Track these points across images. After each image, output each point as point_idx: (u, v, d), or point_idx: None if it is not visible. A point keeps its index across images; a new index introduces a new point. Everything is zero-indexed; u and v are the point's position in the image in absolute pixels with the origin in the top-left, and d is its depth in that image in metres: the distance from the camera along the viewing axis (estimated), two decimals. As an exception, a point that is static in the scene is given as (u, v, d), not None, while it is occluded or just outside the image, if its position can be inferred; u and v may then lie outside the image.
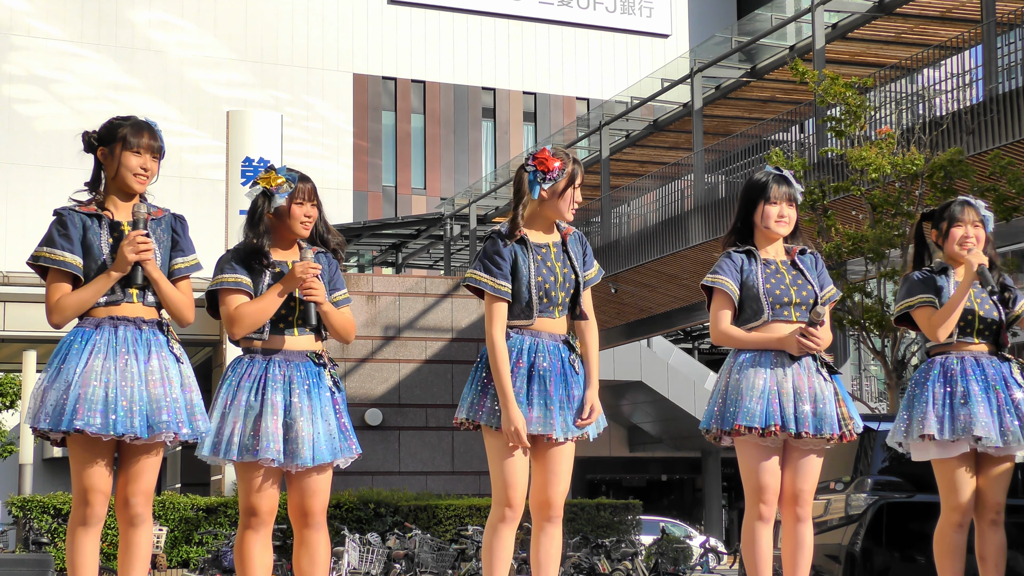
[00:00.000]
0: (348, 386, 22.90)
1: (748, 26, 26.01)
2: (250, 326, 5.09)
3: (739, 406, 5.34)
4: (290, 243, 5.26)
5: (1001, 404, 5.71)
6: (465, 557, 15.09)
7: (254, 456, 5.01)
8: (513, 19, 40.65)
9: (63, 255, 4.88)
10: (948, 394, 5.76)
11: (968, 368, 5.78)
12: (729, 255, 5.54)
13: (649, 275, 25.08)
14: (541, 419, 5.08)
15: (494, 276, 5.13)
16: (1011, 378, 5.79)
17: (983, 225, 5.91)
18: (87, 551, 4.88)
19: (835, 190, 16.55)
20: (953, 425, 5.71)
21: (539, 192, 5.16)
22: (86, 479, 4.85)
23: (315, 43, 38.30)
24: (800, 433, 5.34)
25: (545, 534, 5.20)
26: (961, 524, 5.76)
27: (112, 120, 5.05)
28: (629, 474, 47.45)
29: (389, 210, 38.48)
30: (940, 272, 5.94)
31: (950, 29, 21.64)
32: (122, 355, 4.87)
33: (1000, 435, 5.67)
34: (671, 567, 18.57)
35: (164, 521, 18.73)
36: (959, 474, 5.75)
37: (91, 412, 4.74)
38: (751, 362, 5.40)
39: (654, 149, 29.62)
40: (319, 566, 5.21)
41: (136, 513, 4.95)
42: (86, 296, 4.89)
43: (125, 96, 35.41)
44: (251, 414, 5.05)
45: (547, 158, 5.15)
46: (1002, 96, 16.57)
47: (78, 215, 4.94)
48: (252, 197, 5.23)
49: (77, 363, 4.81)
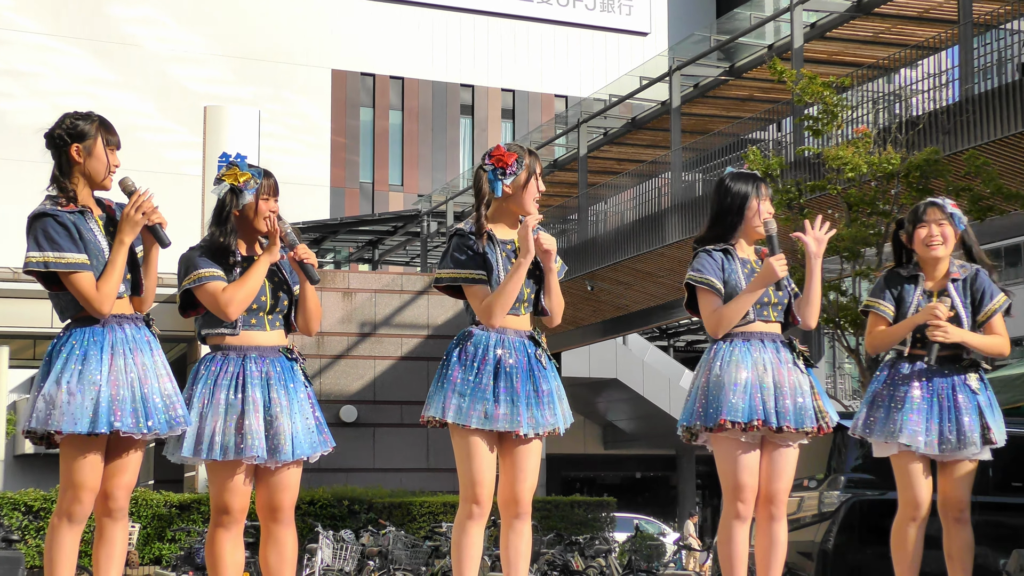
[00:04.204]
0: (323, 382, 22.85)
1: (727, 25, 26.03)
2: (244, 301, 5.07)
3: (722, 401, 5.34)
4: (252, 239, 5.27)
5: (943, 411, 5.72)
6: (439, 554, 15.06)
7: (239, 455, 5.00)
8: (492, 16, 40.61)
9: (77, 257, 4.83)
10: (889, 396, 5.80)
11: (915, 373, 5.80)
12: (708, 253, 5.54)
13: (626, 273, 25.09)
14: (508, 416, 5.07)
15: (467, 267, 5.13)
16: (963, 386, 5.78)
17: (950, 222, 5.91)
18: (68, 547, 4.87)
19: (812, 189, 16.58)
20: (884, 428, 5.76)
21: (502, 189, 5.16)
22: (80, 476, 4.82)
23: (293, 39, 38.19)
24: (781, 427, 5.35)
25: (514, 531, 5.20)
26: (916, 519, 5.81)
27: (73, 117, 4.98)
28: (604, 472, 47.48)
29: (366, 206, 38.40)
30: (910, 279, 5.97)
31: (927, 29, 21.70)
32: (136, 353, 4.88)
33: (938, 443, 5.69)
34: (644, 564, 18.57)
35: (137, 518, 18.63)
36: (912, 470, 5.80)
37: (124, 412, 4.76)
38: (731, 357, 5.41)
39: (632, 147, 29.63)
40: (287, 562, 5.20)
41: (118, 507, 4.95)
42: (117, 274, 4.86)
43: (103, 91, 35.24)
44: (232, 412, 5.03)
45: (503, 154, 5.15)
46: (978, 96, 16.63)
47: (65, 214, 4.89)
48: (218, 194, 5.21)
49: (100, 364, 4.79)
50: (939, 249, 5.85)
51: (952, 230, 5.88)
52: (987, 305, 5.85)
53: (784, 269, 5.34)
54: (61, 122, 4.97)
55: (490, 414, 5.04)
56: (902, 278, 5.96)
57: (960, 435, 5.68)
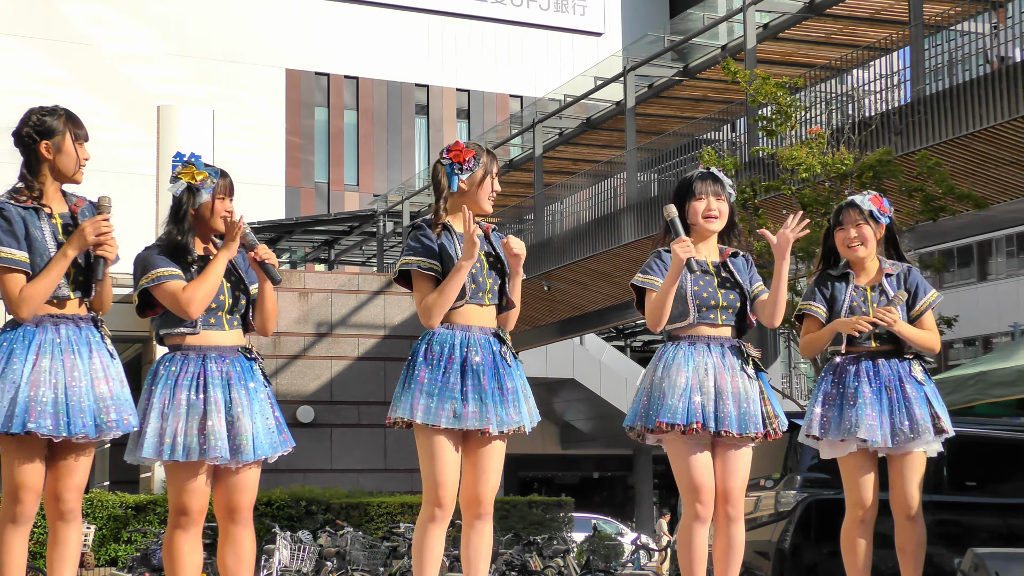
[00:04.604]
0: (279, 383, 22.77)
1: (680, 25, 26.15)
2: (204, 301, 5.03)
3: (662, 403, 5.37)
4: (208, 238, 5.25)
5: (893, 403, 5.78)
6: (397, 555, 15.04)
7: (202, 456, 4.96)
8: (447, 16, 40.58)
9: (12, 252, 4.80)
10: (840, 395, 5.85)
11: (862, 369, 5.86)
12: (659, 254, 5.58)
13: (582, 273, 25.14)
14: (477, 414, 5.06)
15: (422, 256, 5.13)
16: (909, 377, 5.84)
17: (870, 221, 5.96)
18: (15, 549, 4.83)
19: (766, 189, 16.68)
20: (840, 426, 5.80)
21: (458, 184, 5.19)
22: (20, 477, 4.79)
23: (247, 38, 38.03)
24: (720, 432, 5.38)
25: (475, 531, 5.19)
26: (863, 520, 5.88)
27: (39, 113, 4.95)
28: (561, 471, 47.55)
29: (322, 206, 38.29)
30: (841, 277, 6.03)
31: (879, 31, 21.88)
32: (67, 355, 4.82)
33: (891, 435, 5.75)
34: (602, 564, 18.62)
35: (92, 519, 18.50)
36: (857, 472, 5.87)
37: (43, 414, 4.70)
38: (674, 359, 5.44)
39: (587, 147, 29.70)
40: (245, 563, 5.18)
41: (68, 508, 4.91)
42: (49, 280, 4.82)
43: (56, 90, 34.90)
44: (194, 413, 4.99)
45: (461, 149, 5.18)
46: (929, 97, 16.78)
47: (15, 208, 4.86)
48: (174, 192, 5.19)
49: (23, 364, 4.75)
50: (859, 250, 5.94)
51: (871, 229, 5.94)
52: (921, 300, 5.91)
53: (686, 251, 5.26)
54: (27, 119, 4.93)
55: (459, 413, 5.02)
56: (832, 277, 6.04)
57: (912, 425, 5.74)
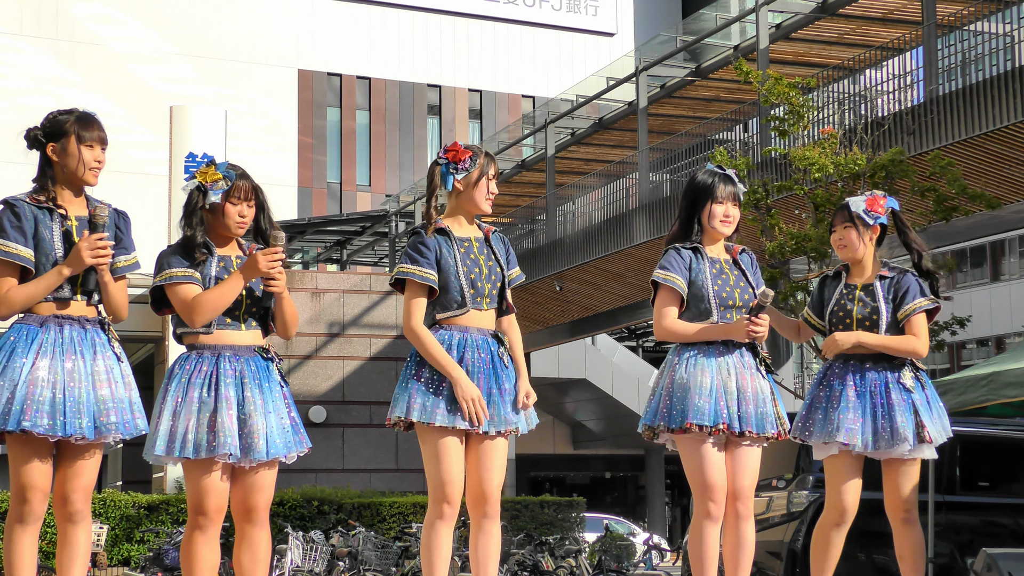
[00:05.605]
0: (292, 383, 22.72)
1: (693, 25, 26.13)
2: (212, 313, 5.02)
3: (688, 404, 5.37)
4: (226, 240, 5.22)
5: (877, 409, 5.76)
6: (409, 555, 15.06)
7: (211, 453, 4.95)
8: (459, 16, 40.59)
9: (16, 247, 4.82)
10: (826, 397, 5.86)
11: (849, 373, 5.86)
12: (677, 251, 5.56)
13: (594, 273, 25.13)
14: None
15: (420, 265, 5.12)
16: (896, 384, 5.82)
17: (857, 224, 5.92)
18: (25, 549, 4.83)
19: (778, 189, 16.65)
20: (824, 428, 5.80)
21: (453, 183, 5.19)
22: (25, 476, 4.80)
23: (260, 39, 38.07)
24: (743, 432, 5.39)
25: (483, 531, 5.19)
26: (840, 524, 5.88)
27: (56, 114, 4.99)
28: (573, 471, 47.54)
29: (334, 207, 38.32)
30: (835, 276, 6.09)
31: (892, 31, 21.84)
32: (69, 356, 4.83)
33: (872, 440, 5.74)
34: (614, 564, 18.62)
35: (105, 519, 18.53)
36: (837, 476, 5.88)
37: (39, 413, 4.71)
38: (696, 360, 5.44)
39: (599, 147, 29.69)
40: (260, 563, 5.17)
41: (75, 510, 4.91)
42: (36, 291, 4.84)
43: (65, 91, 35.00)
44: (205, 410, 4.99)
45: (458, 149, 5.19)
46: (942, 97, 16.74)
47: (29, 207, 4.88)
48: (187, 191, 5.20)
49: (23, 362, 4.76)
50: (843, 252, 5.97)
51: (856, 232, 5.92)
52: (906, 304, 5.87)
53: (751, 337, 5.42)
54: (43, 121, 4.98)
55: (454, 411, 5.05)
56: (829, 278, 6.10)
57: (893, 432, 5.72)
